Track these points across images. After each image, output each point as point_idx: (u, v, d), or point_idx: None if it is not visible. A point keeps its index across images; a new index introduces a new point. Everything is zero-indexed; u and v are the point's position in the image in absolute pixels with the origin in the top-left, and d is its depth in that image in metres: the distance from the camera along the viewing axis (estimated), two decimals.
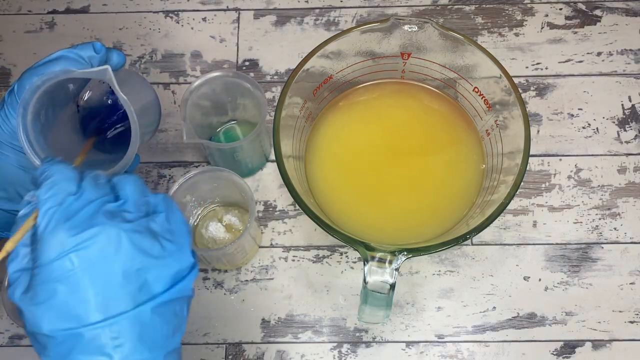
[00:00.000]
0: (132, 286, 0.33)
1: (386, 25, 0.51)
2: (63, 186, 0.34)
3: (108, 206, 0.34)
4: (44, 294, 0.32)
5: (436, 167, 0.54)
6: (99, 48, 0.42)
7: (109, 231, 0.33)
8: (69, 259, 0.32)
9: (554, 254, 0.59)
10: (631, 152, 0.62)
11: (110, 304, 0.32)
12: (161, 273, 0.34)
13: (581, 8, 0.67)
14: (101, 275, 0.32)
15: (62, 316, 0.32)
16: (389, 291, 0.44)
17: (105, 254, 0.32)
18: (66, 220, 0.32)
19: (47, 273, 0.32)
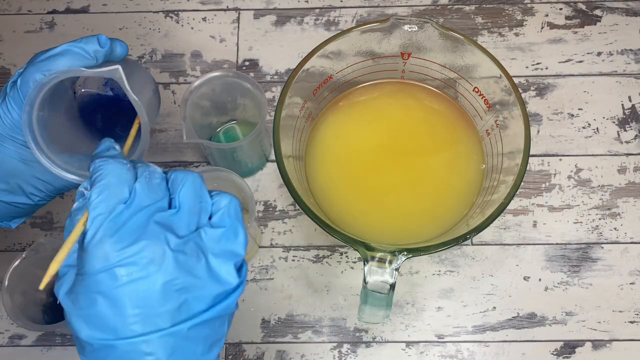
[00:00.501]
0: (171, 305, 0.32)
1: (386, 25, 0.51)
2: (115, 191, 0.33)
3: (159, 216, 0.33)
4: (84, 302, 0.32)
5: (436, 167, 0.54)
6: (104, 42, 0.41)
7: (154, 249, 0.32)
8: (112, 273, 0.32)
9: (554, 254, 0.59)
10: (631, 152, 0.62)
11: (147, 320, 0.32)
12: (203, 293, 0.33)
13: (581, 8, 0.67)
14: (141, 292, 0.32)
15: (99, 327, 0.32)
16: (389, 291, 0.44)
17: (149, 272, 0.32)
18: (114, 233, 0.32)
19: (90, 283, 0.32)
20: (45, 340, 0.58)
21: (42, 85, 0.39)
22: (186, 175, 0.35)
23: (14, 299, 0.51)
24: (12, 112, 0.41)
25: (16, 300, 0.51)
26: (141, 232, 0.32)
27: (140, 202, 0.33)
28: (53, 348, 0.57)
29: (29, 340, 0.58)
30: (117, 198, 0.33)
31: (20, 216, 0.45)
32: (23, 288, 0.52)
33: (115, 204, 0.33)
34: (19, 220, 0.45)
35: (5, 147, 0.42)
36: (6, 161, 0.42)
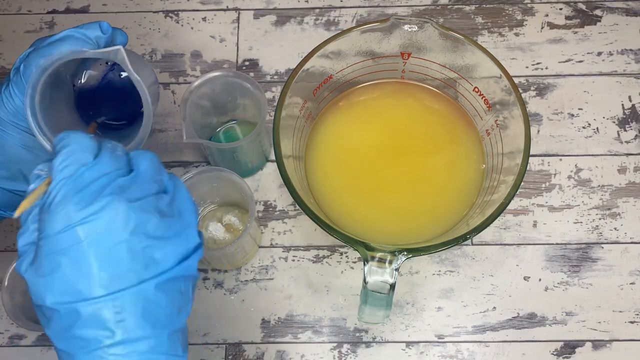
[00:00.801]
0: (138, 263, 0.32)
1: (386, 25, 0.51)
2: (79, 157, 0.33)
3: (120, 180, 0.33)
4: (47, 266, 0.32)
5: (436, 167, 0.54)
6: (105, 28, 0.41)
7: (117, 206, 0.32)
8: (75, 231, 0.31)
9: (554, 254, 0.59)
10: (631, 152, 0.62)
11: (114, 279, 0.32)
12: (167, 251, 0.34)
13: (581, 8, 0.67)
14: (106, 251, 0.32)
15: (65, 289, 0.32)
16: (389, 291, 0.44)
17: (112, 229, 0.32)
18: (76, 193, 0.32)
19: (52, 245, 0.32)
20: (45, 340, 0.58)
21: (45, 68, 0.39)
22: (146, 151, 0.36)
23: (13, 299, 0.51)
24: (15, 98, 0.41)
25: (16, 300, 0.51)
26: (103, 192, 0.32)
27: (103, 168, 0.33)
28: (53, 348, 0.57)
29: (28, 341, 0.58)
30: (81, 162, 0.33)
31: None
32: (23, 288, 0.52)
33: (78, 167, 0.33)
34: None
35: (8, 134, 0.42)
36: (8, 147, 0.42)
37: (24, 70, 0.40)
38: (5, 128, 0.41)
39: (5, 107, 0.41)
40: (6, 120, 0.41)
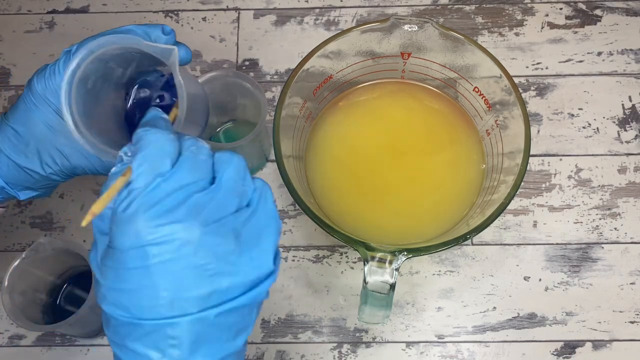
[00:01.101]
0: (203, 290, 0.31)
1: (386, 25, 0.51)
2: (155, 163, 0.31)
3: (197, 197, 0.31)
4: (112, 276, 0.31)
5: (436, 167, 0.54)
6: (168, 31, 0.40)
7: (191, 231, 0.30)
8: (144, 251, 0.30)
9: (554, 254, 0.59)
10: (631, 152, 0.62)
11: (175, 304, 0.31)
12: (236, 281, 0.32)
13: (581, 8, 0.67)
14: (173, 275, 0.30)
15: (125, 304, 0.31)
16: (389, 291, 0.44)
17: (182, 254, 0.30)
18: (149, 208, 0.30)
19: (119, 259, 0.31)
20: (45, 340, 0.58)
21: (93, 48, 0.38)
22: (232, 157, 0.33)
23: (13, 299, 0.51)
24: (56, 76, 0.41)
25: (16, 301, 0.51)
26: (178, 211, 0.30)
27: (181, 179, 0.31)
28: (53, 348, 0.57)
29: (28, 341, 0.58)
30: (157, 171, 0.31)
31: (30, 188, 0.44)
32: (23, 288, 0.52)
33: (154, 177, 0.31)
34: (29, 192, 0.44)
35: (38, 109, 0.41)
36: (33, 123, 0.42)
37: (75, 50, 0.40)
38: (38, 102, 0.41)
39: (44, 82, 0.41)
40: (41, 95, 0.41)
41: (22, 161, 0.42)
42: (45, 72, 0.41)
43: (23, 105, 0.42)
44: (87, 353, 0.57)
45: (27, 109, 0.42)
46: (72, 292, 0.58)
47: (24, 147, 0.42)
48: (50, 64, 0.42)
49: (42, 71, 0.42)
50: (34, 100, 0.42)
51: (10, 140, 0.42)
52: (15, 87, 0.66)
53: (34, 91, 0.41)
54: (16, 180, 0.44)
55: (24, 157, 0.42)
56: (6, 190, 0.44)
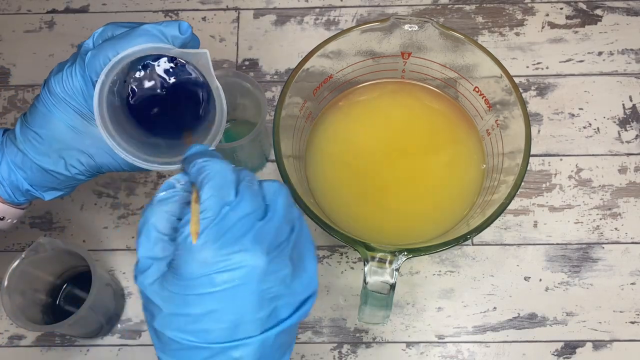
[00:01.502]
0: (264, 313, 0.32)
1: (386, 24, 0.51)
2: (224, 192, 0.32)
3: (259, 225, 0.32)
4: (179, 302, 0.32)
5: (436, 167, 0.54)
6: (184, 29, 0.40)
7: (257, 259, 0.31)
8: (212, 279, 0.31)
9: (555, 254, 0.59)
10: (632, 152, 0.62)
11: (238, 327, 0.32)
12: (290, 301, 0.33)
13: (582, 7, 0.67)
14: (239, 300, 0.32)
15: (191, 329, 0.32)
16: (389, 291, 0.44)
17: (248, 280, 0.31)
18: (218, 238, 0.31)
19: (187, 286, 0.31)
20: (44, 340, 0.57)
21: (125, 57, 0.38)
22: (281, 186, 0.35)
23: (13, 299, 0.51)
24: (74, 79, 0.40)
25: (15, 301, 0.51)
26: (245, 240, 0.32)
27: (245, 208, 0.32)
28: (52, 348, 0.57)
29: (28, 341, 0.57)
30: (224, 201, 0.32)
31: (55, 188, 0.44)
32: (22, 288, 0.52)
33: (222, 207, 0.32)
34: (54, 193, 0.44)
35: (59, 110, 0.41)
36: (54, 124, 0.41)
37: (92, 57, 0.39)
38: (58, 104, 0.41)
39: (63, 84, 0.40)
40: (61, 97, 0.41)
41: (46, 164, 0.42)
42: (62, 74, 0.41)
43: (42, 108, 0.41)
44: (86, 353, 0.57)
45: (47, 111, 0.41)
46: (71, 292, 0.58)
47: (47, 149, 0.42)
48: (66, 64, 0.41)
49: (59, 72, 0.41)
50: (54, 101, 0.41)
51: (32, 143, 0.42)
52: (15, 87, 0.66)
53: (53, 93, 0.41)
54: (41, 182, 0.43)
55: (47, 160, 0.42)
56: (31, 192, 0.44)
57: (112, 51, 0.39)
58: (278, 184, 0.35)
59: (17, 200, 0.44)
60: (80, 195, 0.62)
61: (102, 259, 0.60)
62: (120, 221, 0.61)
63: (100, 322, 0.55)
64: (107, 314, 0.56)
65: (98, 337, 0.57)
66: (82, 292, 0.58)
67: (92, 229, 0.61)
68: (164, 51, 0.39)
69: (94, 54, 0.39)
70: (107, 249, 0.60)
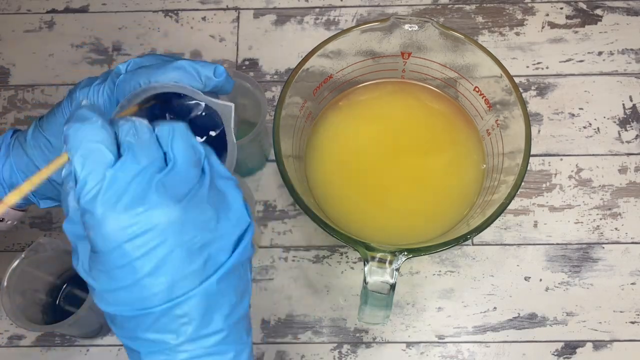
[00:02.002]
0: (197, 264, 0.31)
1: (386, 24, 0.51)
2: (96, 157, 0.30)
3: (159, 176, 0.30)
4: (105, 279, 0.31)
5: (437, 167, 0.54)
6: (220, 72, 0.39)
7: (168, 212, 0.30)
8: (128, 246, 0.29)
9: (555, 254, 0.59)
10: (632, 152, 0.62)
11: (175, 285, 0.30)
12: (223, 243, 0.32)
13: (582, 7, 0.67)
14: (164, 259, 0.30)
15: (126, 300, 0.31)
16: (389, 291, 0.44)
17: (166, 237, 0.30)
18: (114, 203, 0.29)
19: (106, 260, 0.30)
20: (44, 340, 0.57)
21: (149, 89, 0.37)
22: (174, 128, 0.32)
23: (13, 299, 0.51)
24: (100, 96, 0.39)
25: (15, 301, 0.51)
26: (146, 197, 0.30)
27: (135, 164, 0.30)
28: (52, 348, 0.57)
29: (28, 341, 0.57)
30: (102, 164, 0.30)
31: (52, 198, 0.44)
32: (22, 288, 0.52)
33: (104, 171, 0.30)
34: (50, 202, 0.44)
35: None
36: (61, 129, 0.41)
37: (124, 81, 0.39)
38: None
39: (89, 97, 0.40)
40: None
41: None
42: (90, 89, 0.40)
43: (61, 117, 0.41)
44: (86, 353, 0.57)
45: (64, 121, 0.39)
46: (71, 292, 0.58)
47: (49, 151, 0.41)
48: (95, 80, 0.40)
49: (87, 87, 0.40)
50: None
51: (42, 150, 0.41)
52: (14, 87, 0.66)
53: (76, 106, 0.40)
54: (41, 190, 0.43)
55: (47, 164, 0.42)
56: (28, 197, 0.43)
57: (145, 79, 0.38)
58: (170, 125, 0.33)
59: (16, 203, 0.44)
60: None
61: None
62: None
63: (100, 322, 0.55)
64: None
65: (98, 337, 0.57)
66: (82, 292, 0.58)
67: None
68: (191, 93, 0.38)
69: (127, 77, 0.39)
70: None
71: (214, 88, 0.40)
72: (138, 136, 0.31)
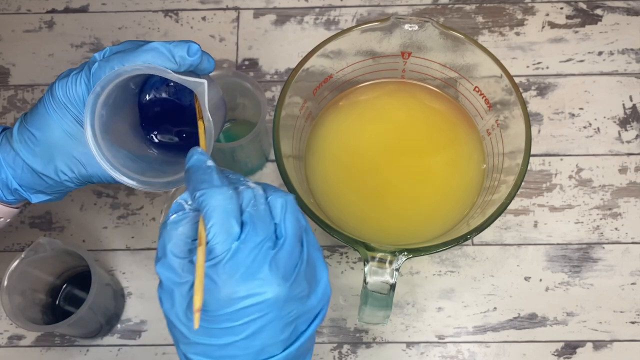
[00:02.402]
0: (286, 333, 0.33)
1: (386, 24, 0.51)
2: (227, 228, 0.32)
3: (272, 254, 0.33)
4: (203, 333, 0.33)
5: (437, 167, 0.54)
6: (193, 51, 0.40)
7: (276, 290, 0.32)
8: (234, 315, 0.32)
9: (555, 254, 0.59)
10: (632, 151, 0.62)
11: (264, 350, 0.33)
12: (309, 316, 0.35)
13: (582, 7, 0.67)
14: (263, 329, 0.32)
15: (216, 355, 0.33)
16: (389, 291, 0.44)
17: (271, 309, 0.32)
18: (233, 274, 0.32)
19: (211, 320, 0.32)
20: (44, 340, 0.57)
21: (120, 73, 0.38)
22: (287, 201, 0.34)
23: (13, 299, 0.51)
24: (78, 86, 0.40)
25: (15, 301, 0.51)
26: (260, 272, 0.32)
27: (256, 238, 0.32)
28: (52, 348, 0.57)
29: (28, 341, 0.57)
30: (230, 236, 0.32)
31: (43, 192, 0.44)
32: (22, 288, 0.52)
33: (231, 243, 0.32)
34: (41, 196, 0.44)
35: (57, 114, 0.41)
36: (51, 128, 0.41)
37: (99, 68, 0.40)
38: (58, 109, 0.41)
39: (66, 90, 0.41)
40: (62, 102, 0.41)
41: (37, 166, 0.42)
42: (68, 79, 0.41)
43: (42, 110, 0.42)
44: (86, 353, 0.57)
45: (46, 113, 0.41)
46: (71, 293, 0.58)
47: (39, 151, 0.42)
48: (74, 70, 0.41)
49: (65, 77, 0.41)
50: (54, 105, 0.41)
51: (26, 144, 0.42)
52: (14, 87, 0.66)
53: (55, 97, 0.41)
54: (30, 183, 0.43)
55: (38, 162, 0.42)
56: (19, 192, 0.44)
57: (119, 64, 0.39)
58: (283, 197, 0.35)
59: (6, 199, 0.44)
60: (80, 195, 0.61)
61: (102, 259, 0.60)
62: (119, 221, 0.61)
63: (100, 322, 0.55)
64: (106, 314, 0.55)
65: (98, 337, 0.57)
66: (81, 292, 0.58)
67: (91, 229, 0.61)
68: (162, 73, 0.39)
69: (101, 64, 0.40)
70: (106, 249, 0.60)
71: (189, 67, 0.40)
72: (257, 207, 0.33)
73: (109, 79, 0.39)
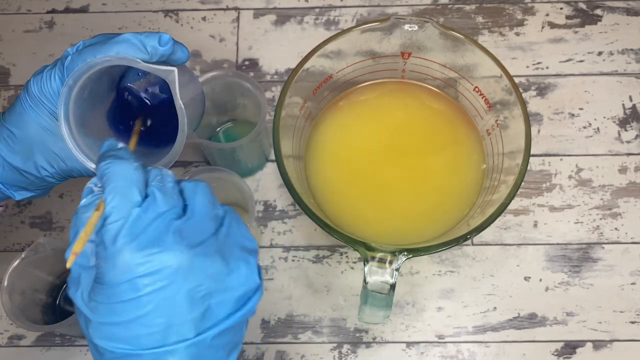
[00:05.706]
0: (196, 312, 0.32)
1: (386, 24, 0.51)
2: (127, 194, 0.32)
3: (177, 223, 0.32)
4: (105, 311, 0.31)
5: (436, 167, 0.54)
6: (165, 41, 0.40)
7: (179, 256, 0.31)
8: (136, 283, 0.30)
9: (555, 254, 0.59)
10: (632, 152, 0.62)
11: (171, 330, 0.31)
12: (226, 298, 0.33)
13: (582, 7, 0.67)
14: (167, 302, 0.31)
15: (121, 336, 0.31)
16: (389, 291, 0.44)
17: (174, 280, 0.31)
18: (133, 240, 0.31)
19: (111, 294, 0.31)
20: (44, 340, 0.57)
21: (91, 65, 0.39)
22: (198, 184, 0.34)
23: (13, 299, 0.51)
24: (52, 81, 0.41)
25: (15, 301, 0.51)
26: (162, 239, 0.31)
27: (158, 208, 0.32)
28: (52, 348, 0.57)
29: (28, 341, 0.57)
30: (131, 202, 0.31)
31: (26, 188, 0.44)
32: (22, 288, 0.52)
33: (130, 209, 0.31)
34: (25, 193, 0.45)
35: (34, 111, 0.41)
36: (29, 124, 0.42)
37: (71, 61, 0.40)
38: (34, 105, 0.41)
39: (41, 86, 0.41)
40: (37, 98, 0.41)
41: (17, 162, 0.42)
42: (42, 75, 0.41)
43: (19, 107, 0.42)
44: (86, 353, 0.57)
45: (23, 110, 0.42)
46: None
47: (19, 148, 0.42)
48: (48, 66, 0.42)
49: (40, 74, 0.42)
50: (31, 102, 0.42)
51: (6, 141, 0.42)
52: (14, 87, 0.66)
53: (31, 93, 0.41)
54: (12, 180, 0.44)
55: (18, 159, 0.42)
56: (2, 191, 0.44)
57: (91, 56, 0.39)
58: (195, 182, 0.35)
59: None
60: (80, 195, 0.61)
61: None
62: None
63: None
64: None
65: None
66: None
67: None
68: (132, 63, 0.39)
69: (73, 58, 0.40)
70: None
71: (161, 57, 0.41)
72: (163, 183, 0.33)
73: (82, 71, 0.39)
